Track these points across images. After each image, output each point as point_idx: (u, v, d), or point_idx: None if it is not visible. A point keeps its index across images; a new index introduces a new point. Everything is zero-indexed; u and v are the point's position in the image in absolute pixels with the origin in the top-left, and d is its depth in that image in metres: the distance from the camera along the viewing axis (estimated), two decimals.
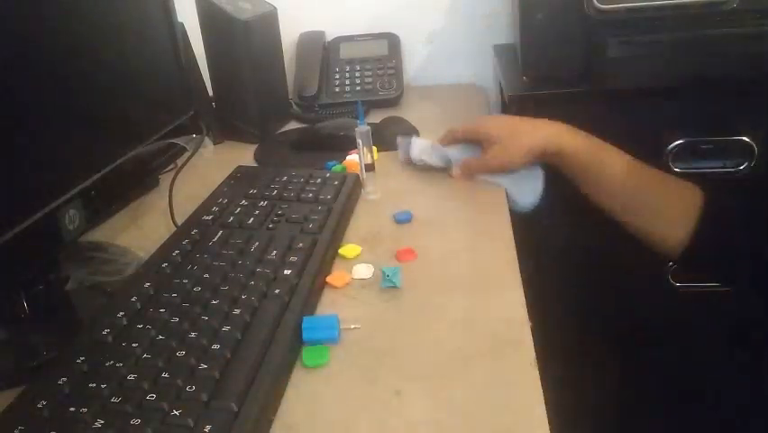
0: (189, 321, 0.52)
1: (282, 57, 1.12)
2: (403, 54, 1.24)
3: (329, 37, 1.25)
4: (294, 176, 0.79)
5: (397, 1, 1.26)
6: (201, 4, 0.99)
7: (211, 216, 0.70)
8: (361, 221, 0.75)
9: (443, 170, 0.84)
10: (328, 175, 0.80)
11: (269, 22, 1.06)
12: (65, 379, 0.46)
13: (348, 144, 0.90)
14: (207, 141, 0.78)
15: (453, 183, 0.82)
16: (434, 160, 0.84)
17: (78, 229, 0.59)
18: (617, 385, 1.03)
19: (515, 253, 0.65)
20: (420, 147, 0.86)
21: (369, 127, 0.76)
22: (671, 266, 0.97)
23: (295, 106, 1.16)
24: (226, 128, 1.04)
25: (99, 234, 0.75)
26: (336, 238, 0.68)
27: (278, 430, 0.45)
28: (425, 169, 0.86)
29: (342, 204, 0.73)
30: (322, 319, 0.54)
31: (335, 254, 0.66)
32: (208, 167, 0.82)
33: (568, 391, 0.78)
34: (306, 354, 0.52)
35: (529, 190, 0.78)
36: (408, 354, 0.51)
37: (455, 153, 0.83)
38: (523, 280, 0.60)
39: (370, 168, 0.78)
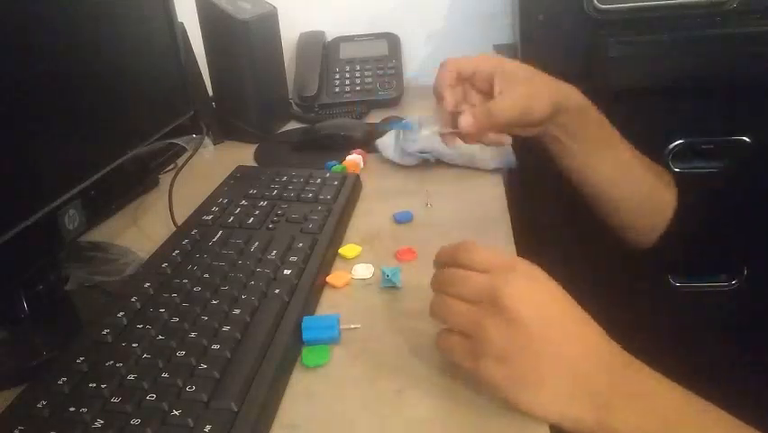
0: (189, 321, 0.52)
1: (282, 57, 1.12)
2: (403, 54, 1.24)
3: (329, 37, 1.25)
4: (294, 176, 0.79)
5: (397, 1, 1.26)
6: (201, 4, 0.99)
7: (211, 216, 0.70)
8: (361, 221, 0.75)
9: (443, 169, 0.84)
10: (328, 175, 0.80)
11: (269, 22, 1.06)
12: (65, 379, 0.46)
13: (348, 144, 0.90)
14: (207, 141, 0.78)
15: (453, 183, 0.82)
16: (405, 161, 0.86)
17: (78, 229, 0.59)
18: None
19: (515, 252, 0.65)
20: (392, 148, 0.87)
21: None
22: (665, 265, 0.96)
23: (295, 106, 1.16)
24: (226, 128, 1.04)
25: (99, 235, 0.75)
26: (336, 238, 0.68)
27: (278, 430, 0.45)
28: (424, 168, 0.86)
29: (342, 204, 0.73)
30: (322, 319, 0.54)
31: (335, 254, 0.67)
32: (208, 167, 0.82)
33: None
34: (306, 353, 0.52)
35: (498, 154, 0.82)
36: (408, 353, 0.51)
37: (426, 144, 0.84)
38: None
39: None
